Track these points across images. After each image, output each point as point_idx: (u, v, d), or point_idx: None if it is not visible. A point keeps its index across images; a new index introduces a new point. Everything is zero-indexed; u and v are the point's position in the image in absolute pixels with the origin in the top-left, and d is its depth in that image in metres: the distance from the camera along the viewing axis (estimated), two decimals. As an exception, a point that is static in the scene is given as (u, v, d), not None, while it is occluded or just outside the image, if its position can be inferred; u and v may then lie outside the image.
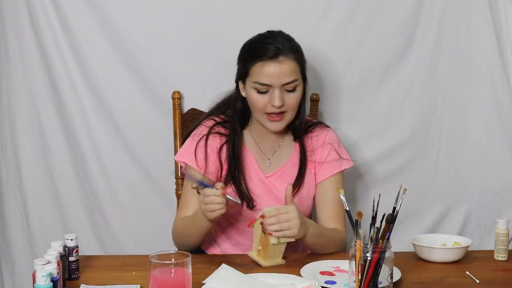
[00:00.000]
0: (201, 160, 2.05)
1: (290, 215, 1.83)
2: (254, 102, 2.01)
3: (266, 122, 2.03)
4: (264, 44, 1.99)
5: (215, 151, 2.06)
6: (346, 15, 2.44)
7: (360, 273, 1.53)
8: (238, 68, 2.07)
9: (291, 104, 2.01)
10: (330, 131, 2.16)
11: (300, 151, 2.11)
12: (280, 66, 1.97)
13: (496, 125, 2.51)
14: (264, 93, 1.99)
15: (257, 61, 1.98)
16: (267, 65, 1.97)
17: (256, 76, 1.98)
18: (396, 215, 1.56)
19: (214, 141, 2.07)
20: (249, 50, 2.03)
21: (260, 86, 1.98)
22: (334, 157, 2.11)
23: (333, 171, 2.10)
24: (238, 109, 2.09)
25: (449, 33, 2.48)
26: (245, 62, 2.02)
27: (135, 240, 2.50)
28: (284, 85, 1.98)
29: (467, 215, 2.58)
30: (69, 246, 1.75)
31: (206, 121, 2.11)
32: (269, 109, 1.99)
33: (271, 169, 2.10)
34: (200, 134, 2.08)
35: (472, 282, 1.76)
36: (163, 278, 1.49)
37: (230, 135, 2.08)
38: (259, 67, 1.97)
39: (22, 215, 2.50)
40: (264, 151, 2.12)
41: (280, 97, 1.98)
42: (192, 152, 2.05)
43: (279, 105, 1.97)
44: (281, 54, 1.98)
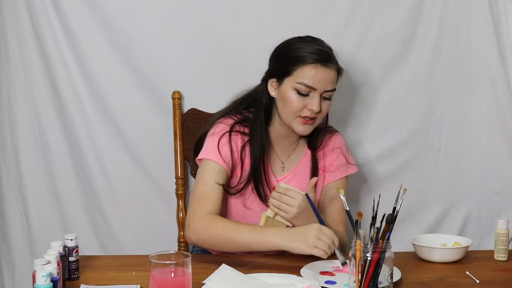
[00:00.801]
0: (227, 157, 2.02)
1: (293, 201, 1.89)
2: (291, 103, 1.99)
3: (296, 124, 2.01)
4: (312, 46, 1.98)
5: (238, 149, 2.05)
6: (346, 15, 2.44)
7: (360, 273, 1.53)
8: (275, 66, 2.05)
9: (325, 112, 2.03)
10: (339, 136, 2.18)
11: (312, 157, 2.13)
12: (329, 72, 1.98)
13: (496, 125, 2.51)
14: (304, 95, 1.98)
15: (306, 62, 1.96)
16: (318, 68, 1.96)
17: (302, 77, 1.97)
18: (396, 215, 1.56)
19: (237, 139, 2.05)
20: (294, 50, 2.00)
21: (304, 88, 1.97)
22: (342, 162, 2.13)
23: (339, 175, 2.13)
24: (264, 105, 2.07)
25: (449, 33, 2.48)
26: (289, 62, 1.99)
27: (135, 240, 2.50)
28: (325, 92, 1.99)
29: (467, 215, 2.58)
30: (69, 246, 1.75)
31: (225, 119, 2.09)
32: (304, 112, 1.99)
33: (283, 173, 2.11)
34: (221, 131, 2.05)
35: (472, 282, 1.76)
36: (163, 278, 1.49)
37: (255, 133, 2.05)
38: (309, 69, 1.96)
39: (22, 215, 2.50)
40: (279, 154, 2.12)
41: (319, 102, 1.98)
42: (215, 148, 2.02)
43: (317, 110, 1.98)
44: (331, 61, 1.99)
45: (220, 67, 2.42)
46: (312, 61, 1.96)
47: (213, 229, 1.90)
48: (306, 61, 1.97)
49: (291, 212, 1.90)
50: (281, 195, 1.92)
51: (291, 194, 1.91)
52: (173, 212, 2.43)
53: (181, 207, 2.40)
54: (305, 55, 1.98)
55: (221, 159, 2.01)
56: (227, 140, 2.03)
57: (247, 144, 2.06)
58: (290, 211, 1.90)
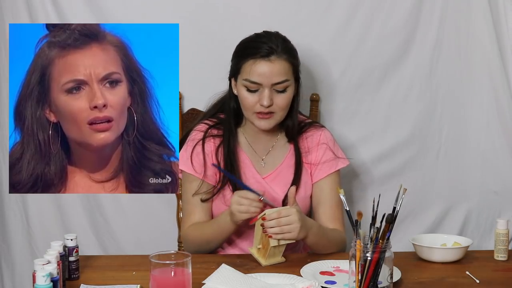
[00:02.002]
0: (199, 166, 2.05)
1: (291, 218, 1.83)
2: (244, 100, 2.01)
3: (255, 120, 2.03)
4: (258, 42, 2.00)
5: (212, 154, 2.07)
6: (346, 15, 2.44)
7: (360, 273, 1.53)
8: (231, 65, 2.08)
9: (281, 105, 2.01)
10: (325, 131, 2.16)
11: (295, 152, 2.11)
12: (271, 65, 1.97)
13: (496, 125, 2.51)
14: (254, 91, 1.99)
15: (249, 58, 1.99)
16: (258, 63, 1.97)
17: (246, 74, 1.99)
18: (396, 215, 1.56)
19: (209, 144, 2.08)
20: (243, 48, 2.04)
21: (250, 84, 1.98)
22: (330, 157, 2.11)
23: (329, 170, 2.10)
24: (232, 107, 2.10)
25: (449, 33, 2.48)
26: (238, 59, 2.03)
27: (135, 240, 2.50)
28: (274, 85, 1.98)
29: (467, 215, 2.58)
30: (69, 246, 1.75)
31: (198, 125, 2.12)
32: (258, 108, 1.99)
33: (266, 170, 2.10)
34: (194, 140, 2.08)
35: (472, 282, 1.76)
36: (163, 278, 1.49)
37: (224, 134, 2.08)
38: (250, 64, 1.98)
39: (22, 215, 2.50)
40: (258, 151, 2.12)
41: (269, 96, 1.98)
42: (188, 159, 2.06)
43: (267, 104, 1.97)
44: (274, 53, 1.98)
45: (220, 67, 2.41)
46: (253, 57, 1.98)
47: (190, 241, 2.05)
48: (247, 58, 1.99)
49: (295, 228, 1.83)
50: (278, 220, 1.83)
51: (285, 214, 1.84)
52: (173, 212, 2.43)
53: (181, 207, 2.39)
54: (248, 51, 2.00)
55: (193, 170, 2.05)
56: (200, 148, 2.07)
57: (221, 146, 2.07)
58: (294, 228, 1.83)
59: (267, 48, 1.98)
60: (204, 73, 2.43)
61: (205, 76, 2.43)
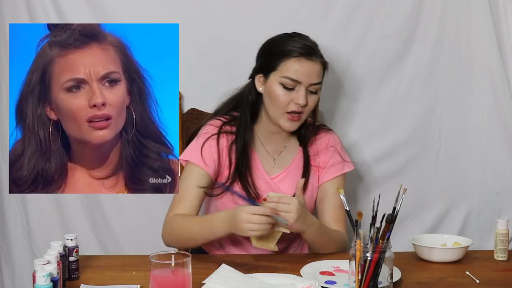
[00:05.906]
0: (209, 159, 2.03)
1: (289, 207, 1.83)
2: (277, 98, 1.99)
3: (283, 120, 2.02)
4: (298, 41, 2.00)
5: (225, 150, 2.05)
6: (346, 15, 2.45)
7: (360, 273, 1.53)
8: (261, 62, 2.06)
9: (311, 106, 2.02)
10: (333, 134, 2.17)
11: (304, 154, 2.12)
12: (313, 65, 1.98)
13: (496, 125, 2.51)
14: (290, 89, 1.98)
15: (291, 56, 1.98)
16: (301, 61, 1.97)
17: (286, 71, 1.98)
18: (396, 215, 1.56)
19: (223, 140, 2.06)
20: (279, 45, 2.02)
21: (289, 81, 1.97)
22: (337, 160, 2.12)
23: (335, 173, 2.11)
24: (251, 102, 2.08)
25: (449, 33, 2.48)
26: (274, 57, 2.01)
27: (135, 240, 2.50)
28: (310, 85, 1.99)
29: (467, 215, 2.59)
30: (69, 246, 1.75)
31: (212, 120, 2.10)
32: (291, 107, 1.99)
33: (275, 171, 2.10)
34: (207, 133, 2.06)
35: (472, 282, 1.76)
36: (163, 278, 1.49)
37: (240, 130, 2.06)
38: (292, 62, 1.97)
39: (22, 215, 2.50)
40: (269, 151, 2.12)
41: (305, 96, 1.98)
42: (198, 150, 2.03)
43: (303, 103, 1.97)
44: (314, 54, 1.99)
45: (220, 67, 2.42)
46: (296, 55, 1.97)
47: (174, 229, 1.98)
48: (290, 55, 1.98)
49: (291, 217, 1.84)
50: (276, 204, 1.85)
51: (285, 201, 1.85)
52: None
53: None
54: (290, 49, 1.99)
55: (203, 162, 2.02)
56: (214, 142, 2.04)
57: (234, 143, 2.06)
58: (289, 217, 1.84)
59: (308, 48, 1.99)
60: (204, 73, 2.43)
61: (205, 76, 2.43)
